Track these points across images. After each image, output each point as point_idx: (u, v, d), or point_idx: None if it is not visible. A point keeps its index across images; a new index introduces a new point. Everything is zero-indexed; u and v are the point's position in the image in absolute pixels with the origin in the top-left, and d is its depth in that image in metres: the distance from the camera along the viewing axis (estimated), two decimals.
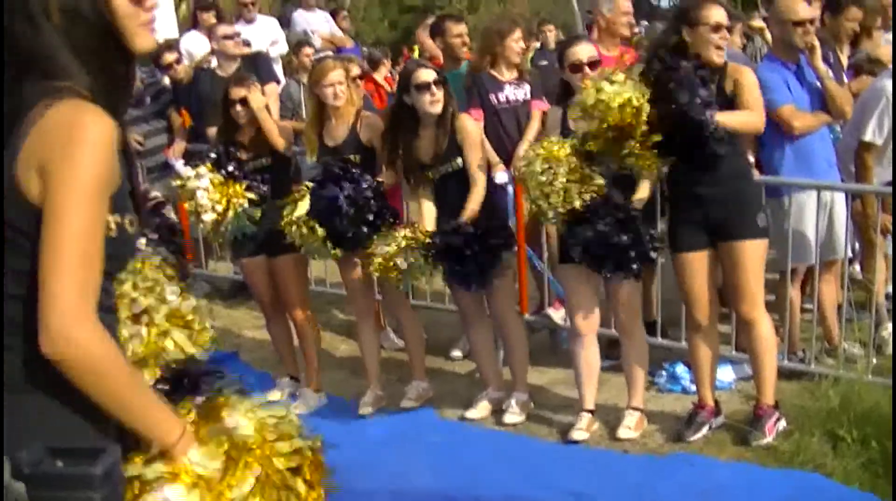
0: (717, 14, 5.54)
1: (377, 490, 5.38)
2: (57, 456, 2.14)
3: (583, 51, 5.98)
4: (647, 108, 5.28)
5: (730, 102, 5.57)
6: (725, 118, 5.44)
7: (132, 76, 2.47)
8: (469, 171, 6.14)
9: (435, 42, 8.33)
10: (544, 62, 11.06)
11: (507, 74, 7.45)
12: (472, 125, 6.31)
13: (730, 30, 5.64)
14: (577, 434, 6.05)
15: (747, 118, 5.63)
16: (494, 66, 7.44)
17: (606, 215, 5.57)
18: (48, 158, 2.15)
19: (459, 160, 6.15)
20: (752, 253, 5.63)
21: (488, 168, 6.41)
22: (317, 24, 12.63)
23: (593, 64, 5.92)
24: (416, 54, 11.82)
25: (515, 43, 7.45)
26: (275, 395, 2.55)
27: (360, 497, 5.21)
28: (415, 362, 6.79)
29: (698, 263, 5.72)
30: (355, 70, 8.01)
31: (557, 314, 7.36)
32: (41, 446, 2.13)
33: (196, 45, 10.62)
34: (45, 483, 2.11)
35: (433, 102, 6.11)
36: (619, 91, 5.25)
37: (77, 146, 2.16)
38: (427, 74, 6.13)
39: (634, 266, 5.72)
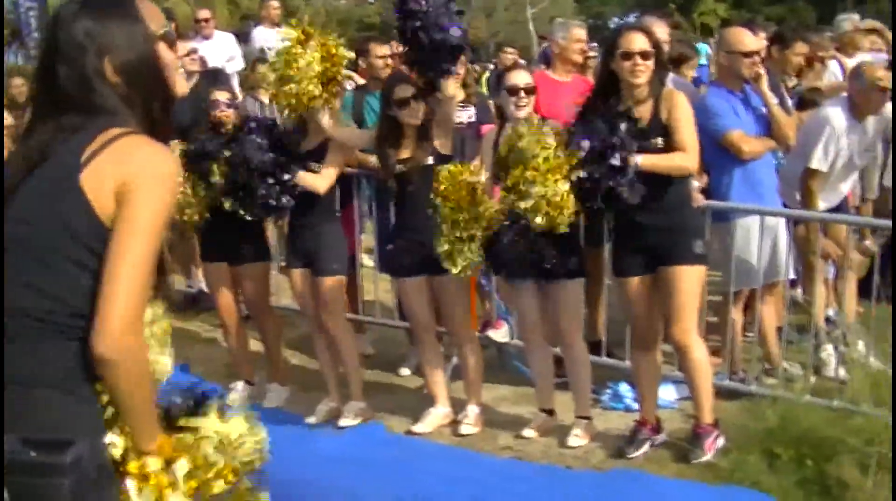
0: (630, 41, 5.61)
1: None
2: (30, 446, 2.38)
3: (519, 77, 6.20)
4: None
5: (665, 129, 5.65)
6: (650, 162, 5.52)
7: (171, 117, 2.81)
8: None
9: (358, 62, 8.41)
10: None
11: None
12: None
13: (646, 55, 5.63)
14: (526, 432, 6.36)
15: (678, 162, 5.64)
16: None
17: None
18: (131, 189, 2.46)
19: (431, 159, 6.33)
20: (687, 279, 5.73)
21: None
22: (275, 41, 12.65)
23: (529, 90, 6.11)
24: None
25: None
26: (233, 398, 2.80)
27: None
28: (352, 381, 6.84)
29: (640, 287, 5.85)
30: None
31: (498, 334, 7.48)
32: (16, 437, 2.40)
33: None
34: (20, 470, 2.38)
35: (412, 116, 6.31)
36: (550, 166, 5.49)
37: (160, 184, 2.50)
38: (406, 90, 6.33)
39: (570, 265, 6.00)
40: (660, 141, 5.63)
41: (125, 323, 2.41)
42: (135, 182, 2.45)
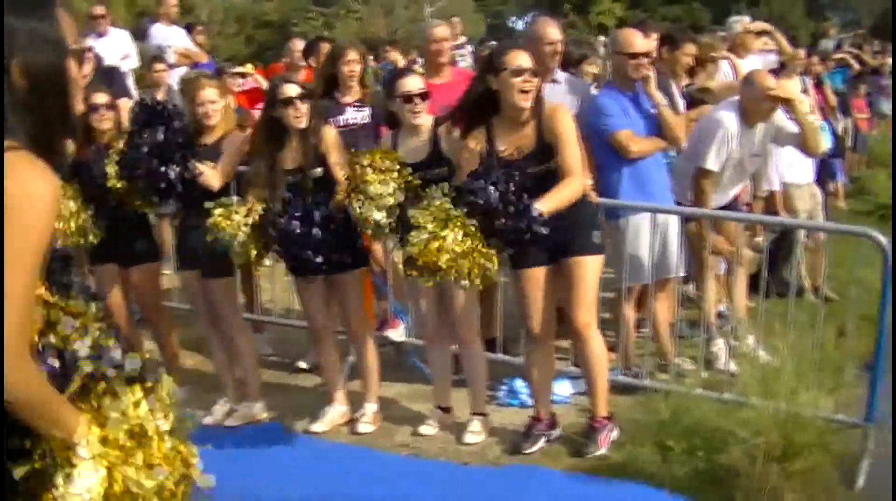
0: (519, 58, 5.64)
1: None
2: None
3: (412, 83, 6.17)
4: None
5: (549, 148, 5.66)
6: (549, 206, 5.39)
7: (66, 135, 2.66)
8: (333, 173, 6.28)
9: (308, 61, 8.32)
10: None
11: (348, 97, 7.37)
12: (333, 135, 6.44)
13: (537, 74, 5.69)
14: (423, 429, 6.43)
15: (570, 192, 5.57)
16: (337, 88, 7.37)
17: None
18: (4, 214, 2.29)
19: (320, 170, 6.30)
20: (589, 269, 5.83)
21: None
22: (174, 38, 12.54)
23: (423, 95, 6.13)
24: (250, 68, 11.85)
25: (347, 66, 7.31)
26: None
27: None
28: (250, 382, 6.85)
29: (537, 278, 5.89)
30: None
31: (395, 333, 7.53)
32: None
33: None
34: None
35: (297, 117, 6.25)
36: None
37: (33, 209, 2.32)
38: (291, 90, 6.27)
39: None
40: (552, 164, 5.65)
41: (10, 364, 2.31)
42: (6, 208, 2.30)
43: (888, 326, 6.10)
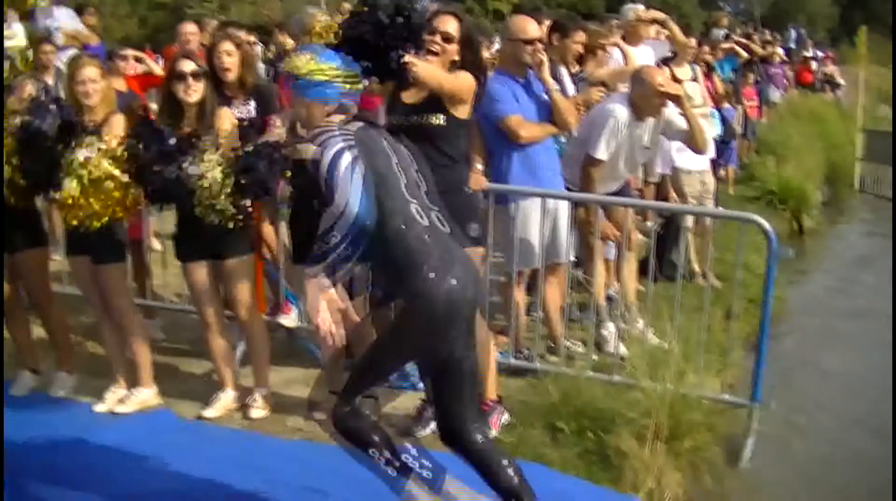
0: (439, 20, 5.62)
1: (113, 494, 5.36)
2: None
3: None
4: None
5: (438, 102, 5.65)
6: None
7: None
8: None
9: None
10: None
11: (229, 91, 7.08)
12: (228, 117, 6.39)
13: (451, 41, 5.64)
14: (316, 414, 6.30)
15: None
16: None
17: None
18: None
19: None
20: None
21: None
22: (62, 19, 12.31)
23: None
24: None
25: (218, 59, 7.02)
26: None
27: None
28: (141, 368, 6.73)
29: None
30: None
31: (287, 319, 7.52)
32: None
33: None
34: None
35: (189, 92, 6.20)
36: None
37: None
38: (186, 65, 6.22)
39: None
40: (433, 118, 5.66)
41: None
42: None
43: (771, 309, 6.27)
